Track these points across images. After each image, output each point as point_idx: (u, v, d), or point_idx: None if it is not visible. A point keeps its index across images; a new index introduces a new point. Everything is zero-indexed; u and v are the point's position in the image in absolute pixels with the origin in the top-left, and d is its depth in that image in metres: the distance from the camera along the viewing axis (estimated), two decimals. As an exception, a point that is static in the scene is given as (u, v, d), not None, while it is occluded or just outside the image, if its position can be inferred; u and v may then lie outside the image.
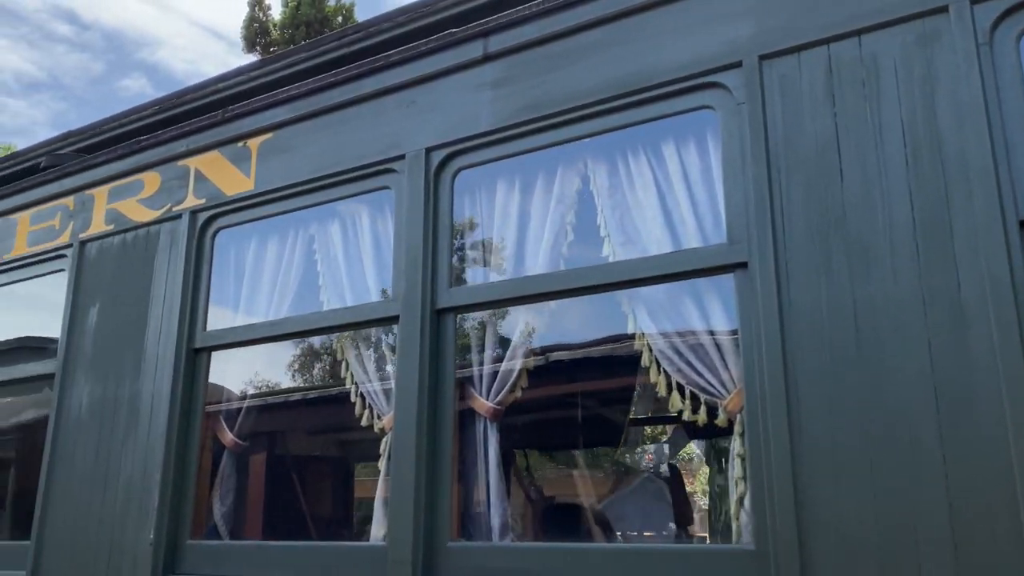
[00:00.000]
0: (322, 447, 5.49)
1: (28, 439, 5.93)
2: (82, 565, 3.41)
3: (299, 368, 5.92)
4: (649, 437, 9.80)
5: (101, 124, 4.60)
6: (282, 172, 3.35)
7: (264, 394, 4.23)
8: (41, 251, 4.09)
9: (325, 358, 4.88)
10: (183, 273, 3.49)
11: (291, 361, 4.37)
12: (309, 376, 6.30)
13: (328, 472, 5.55)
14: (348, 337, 3.24)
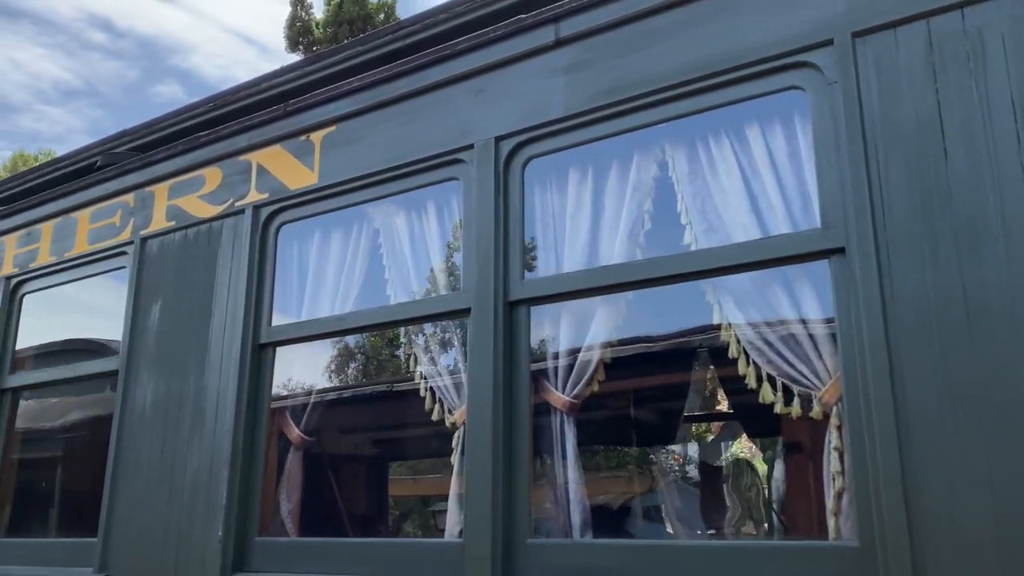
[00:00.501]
0: (388, 443, 5.46)
1: (91, 436, 5.99)
2: (150, 562, 3.40)
3: (362, 364, 5.89)
4: (693, 435, 9.66)
5: (156, 122, 4.60)
6: (346, 165, 3.31)
7: (330, 389, 4.21)
8: (102, 249, 4.10)
9: (384, 352, 4.82)
10: (247, 268, 3.47)
11: (354, 356, 4.32)
12: (373, 372, 6.27)
13: (395, 468, 5.50)
14: (416, 331, 3.18)
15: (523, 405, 2.68)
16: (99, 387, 4.87)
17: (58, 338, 4.81)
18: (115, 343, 4.75)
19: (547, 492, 2.84)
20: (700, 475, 7.09)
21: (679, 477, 7.43)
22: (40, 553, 3.94)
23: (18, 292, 4.45)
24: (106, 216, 4.14)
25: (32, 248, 4.44)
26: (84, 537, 3.76)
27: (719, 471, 6.98)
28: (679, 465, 8.10)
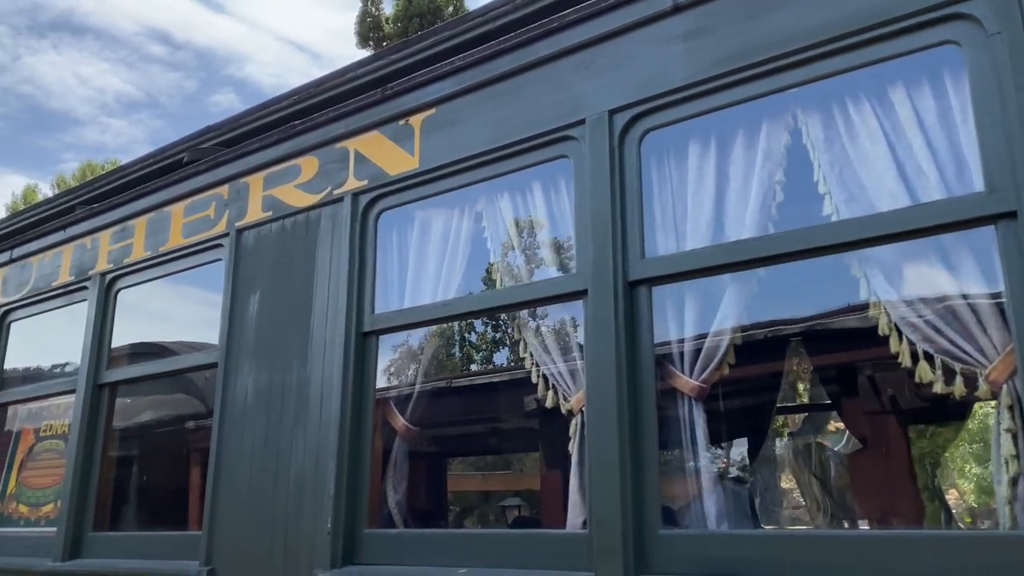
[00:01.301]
0: (496, 431, 5.37)
1: (191, 431, 6.05)
2: (256, 555, 3.36)
3: (470, 351, 5.79)
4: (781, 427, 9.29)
5: (240, 117, 4.59)
6: (448, 148, 3.22)
7: (436, 379, 4.14)
8: (197, 242, 4.09)
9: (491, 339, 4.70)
10: (348, 256, 3.41)
11: (461, 344, 4.23)
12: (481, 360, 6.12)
13: (505, 457, 5.42)
14: (526, 315, 3.08)
15: (648, 390, 2.55)
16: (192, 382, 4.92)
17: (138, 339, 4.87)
18: (175, 345, 4.79)
19: (676, 481, 2.71)
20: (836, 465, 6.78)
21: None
22: (144, 547, 3.95)
23: (113, 288, 4.49)
24: (200, 209, 4.14)
25: (126, 244, 4.47)
26: (188, 530, 3.76)
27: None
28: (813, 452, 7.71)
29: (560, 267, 2.97)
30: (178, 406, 6.21)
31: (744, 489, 4.91)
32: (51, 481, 4.66)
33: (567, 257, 2.95)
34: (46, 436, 4.82)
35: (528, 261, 3.09)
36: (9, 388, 5.07)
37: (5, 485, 4.92)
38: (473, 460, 5.21)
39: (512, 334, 3.11)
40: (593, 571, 2.49)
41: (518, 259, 3.12)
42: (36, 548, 4.40)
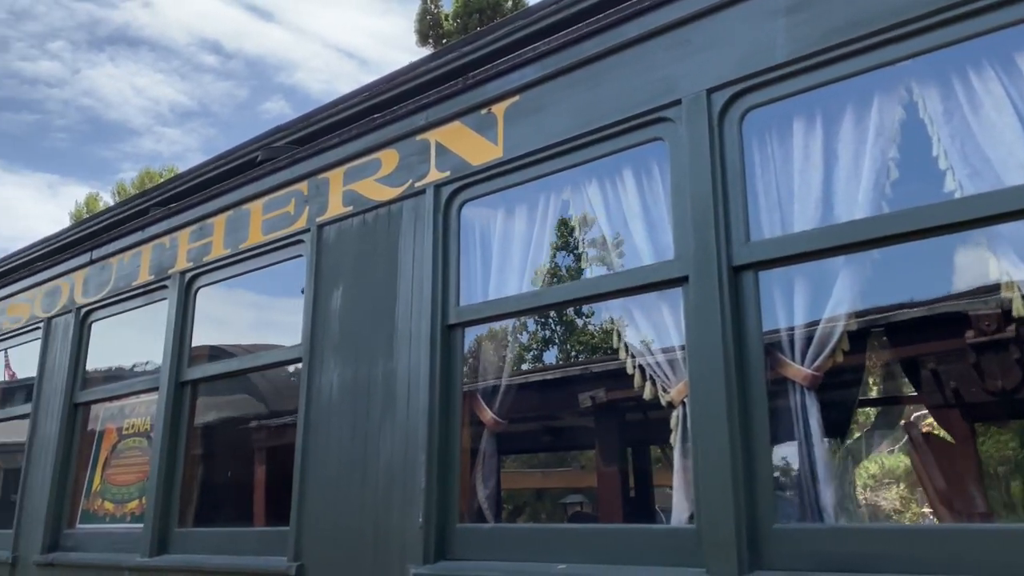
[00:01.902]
0: (592, 425, 5.28)
1: (255, 430, 6.11)
2: (346, 550, 3.35)
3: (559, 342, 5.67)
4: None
5: (311, 115, 4.59)
6: (534, 135, 3.16)
7: (526, 372, 4.09)
8: (277, 238, 4.10)
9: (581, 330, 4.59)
10: (431, 249, 3.37)
11: (550, 335, 4.13)
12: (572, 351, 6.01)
13: (601, 452, 5.35)
14: (620, 305, 2.99)
15: (758, 379, 2.45)
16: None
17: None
18: (233, 347, 4.81)
19: (788, 472, 2.60)
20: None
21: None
22: (230, 542, 3.96)
23: (193, 286, 4.53)
24: (280, 206, 4.15)
25: (205, 242, 4.51)
26: (275, 526, 3.76)
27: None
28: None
29: (656, 254, 2.87)
30: (241, 406, 6.28)
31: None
32: (135, 478, 4.72)
33: (663, 244, 2.86)
34: (129, 434, 4.89)
35: (620, 248, 3.01)
36: (91, 387, 5.16)
37: (90, 482, 5.01)
38: (579, 452, 5.22)
39: (605, 324, 3.00)
40: (704, 567, 2.41)
41: (609, 246, 3.04)
42: (123, 544, 4.47)
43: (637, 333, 2.95)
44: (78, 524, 4.95)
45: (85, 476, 5.06)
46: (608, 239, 3.05)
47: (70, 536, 4.88)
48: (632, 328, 2.97)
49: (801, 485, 2.53)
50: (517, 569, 2.84)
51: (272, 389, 6.44)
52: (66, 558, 4.73)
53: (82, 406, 5.11)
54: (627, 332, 2.98)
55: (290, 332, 5.08)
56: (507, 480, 5.23)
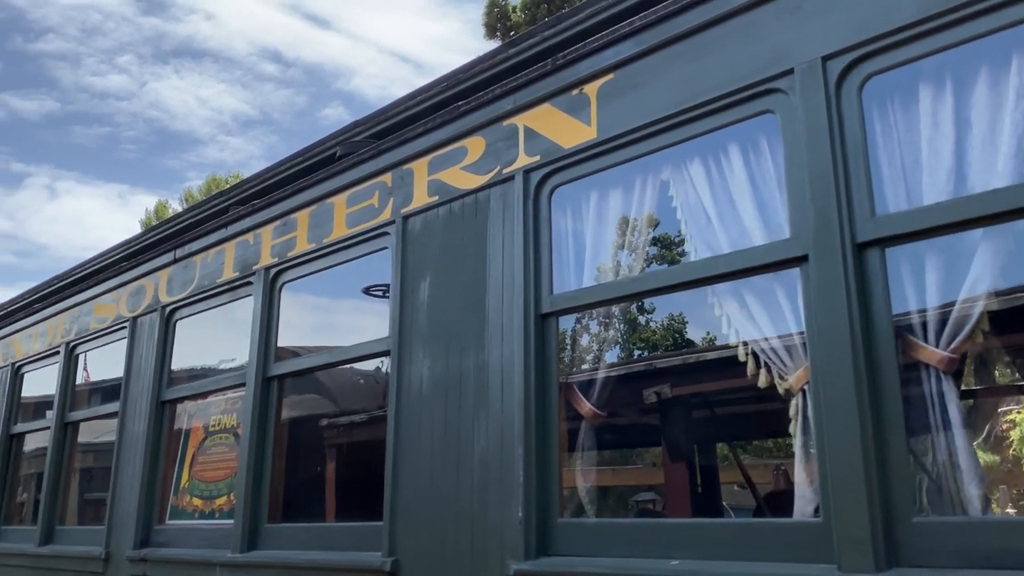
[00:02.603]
0: (697, 417, 5.16)
1: (325, 428, 6.12)
2: (443, 544, 3.27)
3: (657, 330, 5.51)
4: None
5: (388, 109, 4.55)
6: (630, 115, 3.03)
7: (624, 362, 3.97)
8: (362, 231, 4.06)
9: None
10: (522, 236, 3.27)
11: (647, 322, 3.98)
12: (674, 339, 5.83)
13: (706, 445, 5.21)
14: (729, 288, 2.85)
15: (888, 363, 2.28)
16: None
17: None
18: (300, 350, 4.77)
19: (925, 461, 2.43)
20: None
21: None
22: (321, 538, 3.94)
23: (278, 281, 4.52)
24: (363, 199, 4.10)
25: (289, 237, 4.50)
26: (368, 521, 3.72)
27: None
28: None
29: (767, 233, 2.72)
30: (313, 406, 6.30)
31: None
32: (222, 475, 4.75)
33: (775, 222, 2.71)
34: (215, 431, 4.92)
35: (726, 228, 2.86)
36: (177, 385, 5.21)
37: (178, 479, 5.06)
38: (680, 445, 5.12)
39: (713, 309, 2.86)
40: (835, 563, 2.25)
41: (714, 228, 2.89)
42: (213, 540, 4.49)
43: (749, 317, 2.80)
44: (168, 520, 5.00)
45: (173, 473, 5.11)
46: (713, 219, 2.90)
47: (160, 532, 4.93)
48: (743, 312, 2.82)
49: (941, 476, 2.35)
50: (626, 566, 2.73)
51: (338, 389, 6.45)
52: (157, 554, 4.78)
53: (168, 404, 5.17)
54: (737, 317, 2.83)
55: (350, 334, 5.05)
56: (569, 479, 5.09)
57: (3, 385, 7.26)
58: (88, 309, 6.20)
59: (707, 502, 6.32)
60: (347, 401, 6.05)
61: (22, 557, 6.16)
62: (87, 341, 6.17)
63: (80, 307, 6.31)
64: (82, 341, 6.21)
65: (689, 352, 4.30)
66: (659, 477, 9.53)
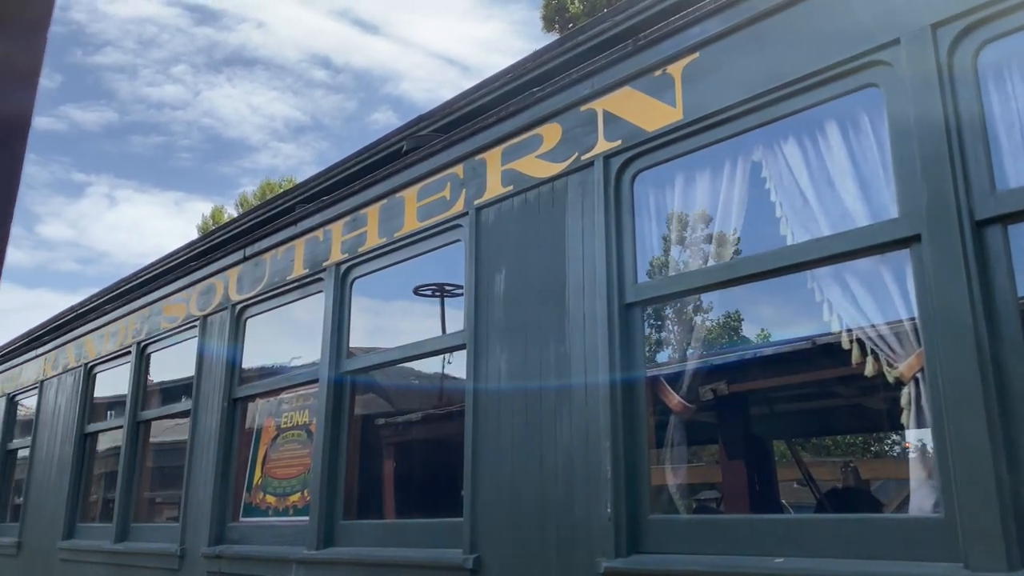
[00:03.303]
0: (794, 408, 5.02)
1: (380, 426, 6.09)
2: (527, 541, 3.19)
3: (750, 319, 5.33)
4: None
5: (453, 103, 4.50)
6: (718, 94, 2.91)
7: (717, 352, 3.85)
8: (433, 224, 4.01)
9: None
10: (603, 224, 3.18)
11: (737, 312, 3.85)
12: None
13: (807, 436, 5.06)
14: (830, 272, 2.71)
15: (1015, 346, 2.13)
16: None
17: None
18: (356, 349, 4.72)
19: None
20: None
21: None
22: (399, 534, 3.90)
23: (349, 276, 4.50)
24: (435, 191, 4.05)
25: (359, 233, 4.47)
26: (446, 517, 3.66)
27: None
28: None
29: (870, 213, 2.58)
30: (371, 405, 6.28)
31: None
32: (295, 472, 4.74)
33: (878, 201, 2.57)
34: (287, 428, 4.92)
35: (825, 210, 2.72)
36: (249, 383, 5.23)
37: (251, 476, 5.08)
38: (777, 438, 5.00)
39: (813, 295, 2.72)
40: (960, 561, 2.11)
41: (813, 209, 2.75)
42: (287, 537, 4.48)
43: (853, 302, 2.66)
44: (241, 517, 5.02)
45: (246, 470, 5.13)
46: (811, 201, 2.76)
47: (234, 529, 4.95)
48: (846, 297, 2.67)
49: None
50: (724, 563, 2.61)
51: (395, 389, 6.42)
52: (232, 550, 4.80)
53: (240, 401, 5.19)
54: (840, 302, 2.69)
55: (400, 337, 4.98)
56: (658, 475, 4.97)
57: (76, 385, 7.41)
58: (158, 309, 6.28)
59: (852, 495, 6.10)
60: (403, 401, 6.01)
61: (98, 554, 6.26)
62: (158, 340, 6.25)
63: (151, 307, 6.39)
64: (153, 340, 6.29)
65: (783, 343, 4.11)
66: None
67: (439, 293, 5.70)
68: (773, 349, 4.12)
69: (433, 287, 5.68)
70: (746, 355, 4.87)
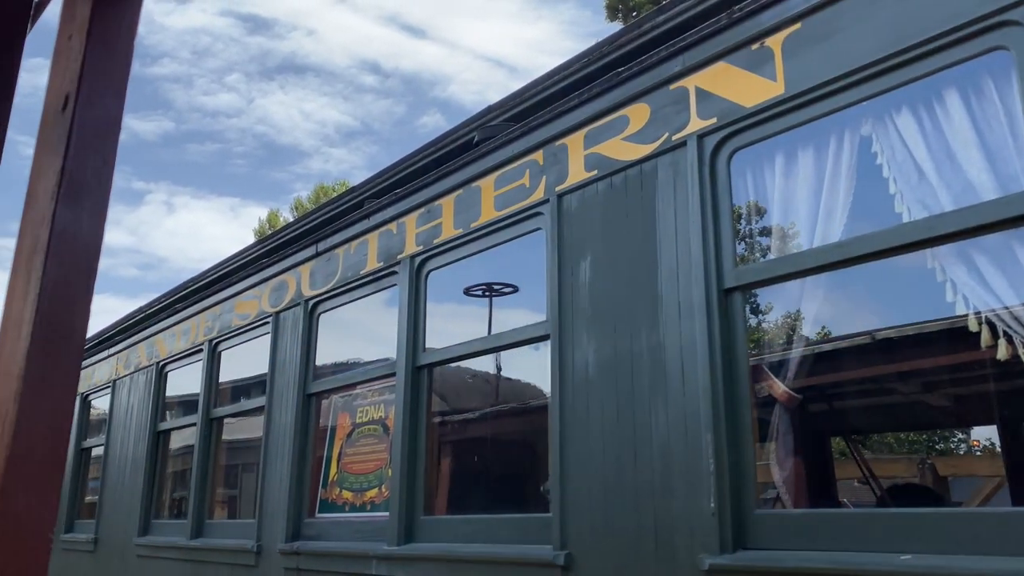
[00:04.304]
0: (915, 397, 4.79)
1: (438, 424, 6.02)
2: (621, 537, 3.07)
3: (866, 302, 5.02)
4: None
5: (524, 91, 4.40)
6: (823, 65, 2.76)
7: (826, 339, 3.67)
8: (512, 213, 3.91)
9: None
10: (699, 206, 3.04)
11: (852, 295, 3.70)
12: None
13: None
14: (953, 250, 2.53)
15: None
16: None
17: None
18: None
19: None
20: None
21: None
22: (483, 530, 3.80)
23: (424, 269, 4.43)
24: (512, 179, 3.96)
25: (434, 224, 4.40)
26: (533, 513, 3.56)
27: None
28: None
29: (999, 186, 2.40)
30: (445, 399, 6.22)
31: None
32: (372, 467, 4.70)
33: (1006, 172, 2.38)
34: (362, 422, 4.88)
35: (946, 184, 2.55)
36: (322, 378, 5.21)
37: (327, 472, 5.05)
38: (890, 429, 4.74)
39: (934, 275, 2.54)
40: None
41: (933, 183, 2.58)
42: (365, 532, 4.44)
43: (981, 282, 2.48)
44: (317, 513, 5.00)
45: (321, 466, 5.11)
46: (929, 175, 2.59)
47: (311, 525, 4.93)
48: (972, 276, 2.49)
49: None
50: (842, 560, 2.46)
51: (452, 388, 6.34)
52: (310, 546, 4.78)
53: (314, 396, 5.17)
54: (966, 282, 2.51)
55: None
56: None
57: (149, 384, 7.52)
58: (230, 306, 6.31)
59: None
60: (457, 400, 5.94)
61: (174, 550, 6.32)
62: (230, 338, 6.28)
63: (221, 305, 6.43)
64: (224, 338, 6.33)
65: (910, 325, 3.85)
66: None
67: (488, 293, 5.63)
68: (885, 334, 3.89)
69: (483, 287, 5.61)
70: (857, 341, 4.59)
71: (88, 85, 1.48)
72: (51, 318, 1.35)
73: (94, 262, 1.42)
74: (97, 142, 1.46)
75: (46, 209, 1.42)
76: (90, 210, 1.43)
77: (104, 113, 1.49)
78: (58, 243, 1.39)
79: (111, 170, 1.49)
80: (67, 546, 8.48)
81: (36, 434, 1.31)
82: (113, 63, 1.52)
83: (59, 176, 1.41)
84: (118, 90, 1.52)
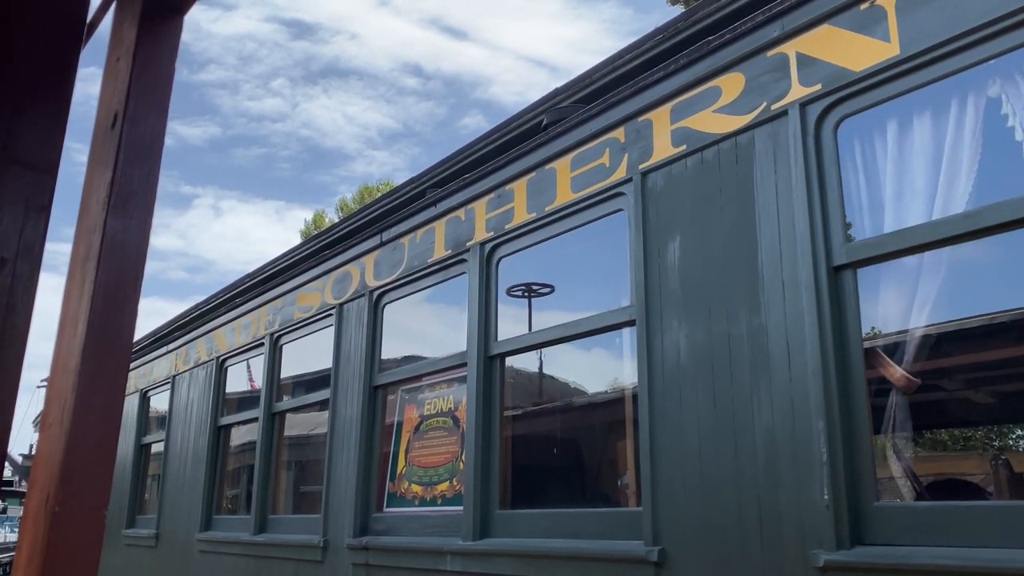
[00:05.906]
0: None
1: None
2: (721, 531, 2.89)
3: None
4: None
5: (592, 72, 4.26)
6: (944, 22, 2.55)
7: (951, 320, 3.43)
8: (591, 194, 3.75)
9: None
10: (803, 179, 2.85)
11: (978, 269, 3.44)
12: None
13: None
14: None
15: None
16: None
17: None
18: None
19: None
20: None
21: None
22: (564, 525, 3.64)
23: (495, 255, 4.29)
24: (591, 159, 3.79)
25: (505, 209, 4.26)
26: (619, 507, 3.39)
27: None
28: None
29: None
30: (517, 390, 6.07)
31: None
32: (442, 460, 4.57)
33: None
34: (430, 415, 4.76)
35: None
36: (388, 370, 5.10)
37: (394, 465, 4.94)
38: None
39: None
40: None
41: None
42: (437, 527, 4.31)
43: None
44: (385, 508, 4.89)
45: (388, 459, 5.00)
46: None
47: (379, 519, 4.82)
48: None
49: None
50: (975, 557, 2.25)
51: (548, 372, 6.19)
52: (379, 542, 4.67)
53: (381, 388, 5.07)
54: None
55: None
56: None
57: (208, 379, 7.51)
58: (292, 299, 6.25)
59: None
60: (556, 386, 5.79)
61: (238, 545, 6.28)
62: (292, 331, 6.22)
63: (283, 298, 6.37)
64: (287, 331, 6.27)
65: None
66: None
67: (527, 294, 5.49)
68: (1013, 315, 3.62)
69: (522, 288, 5.47)
70: (985, 322, 4.28)
71: (134, 104, 1.63)
72: (102, 318, 1.51)
73: (141, 266, 1.57)
74: (143, 156, 1.61)
75: (98, 218, 1.57)
76: (137, 218, 1.58)
77: (149, 129, 1.63)
78: (108, 249, 1.54)
79: (156, 181, 1.63)
80: (129, 541, 8.53)
81: (90, 421, 1.46)
82: (157, 83, 1.67)
83: (109, 188, 1.56)
84: (161, 107, 1.67)
